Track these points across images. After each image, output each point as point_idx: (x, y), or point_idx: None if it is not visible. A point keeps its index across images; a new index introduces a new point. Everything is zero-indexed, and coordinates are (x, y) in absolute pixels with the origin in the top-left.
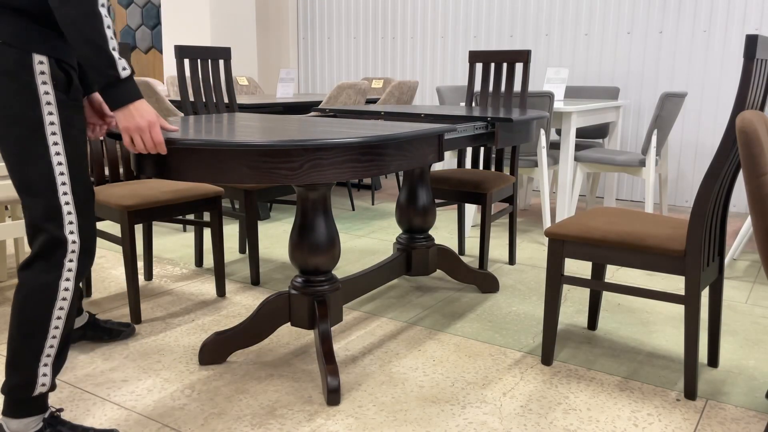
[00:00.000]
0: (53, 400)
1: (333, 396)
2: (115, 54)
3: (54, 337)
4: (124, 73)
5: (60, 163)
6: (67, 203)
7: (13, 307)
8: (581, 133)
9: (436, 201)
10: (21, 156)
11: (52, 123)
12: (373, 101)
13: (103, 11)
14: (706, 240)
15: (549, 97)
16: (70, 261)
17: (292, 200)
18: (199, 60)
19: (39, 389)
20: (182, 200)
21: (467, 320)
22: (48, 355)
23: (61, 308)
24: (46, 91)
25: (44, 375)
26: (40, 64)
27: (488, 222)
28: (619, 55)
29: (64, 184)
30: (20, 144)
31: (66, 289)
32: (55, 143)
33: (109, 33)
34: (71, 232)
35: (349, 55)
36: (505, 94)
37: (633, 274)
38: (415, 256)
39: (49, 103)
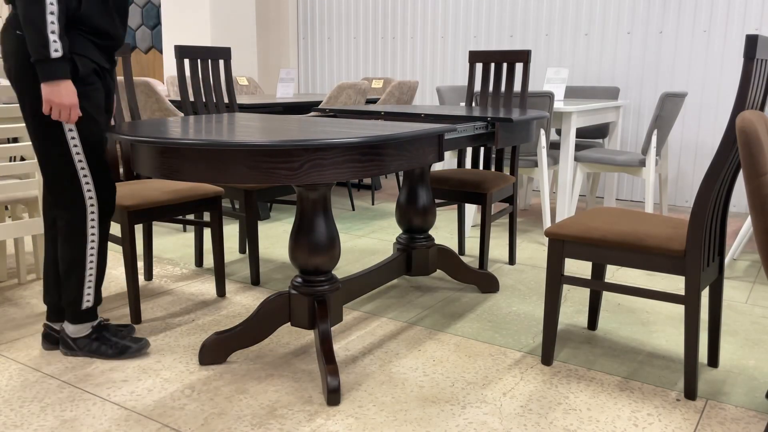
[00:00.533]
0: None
1: (333, 396)
2: (52, 36)
3: (91, 268)
4: (55, 54)
5: (74, 138)
6: (83, 168)
7: (59, 244)
8: (581, 133)
9: (436, 201)
10: (41, 138)
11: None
12: (373, 101)
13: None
14: (706, 240)
15: (549, 97)
16: (92, 213)
17: (292, 200)
18: (199, 60)
19: (85, 305)
20: (182, 200)
21: (467, 320)
22: (89, 281)
23: (92, 248)
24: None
25: (88, 294)
26: (55, 52)
27: (488, 222)
28: (619, 55)
29: (79, 154)
30: (39, 128)
31: (93, 235)
32: (70, 130)
33: (50, 18)
34: (90, 198)
35: (349, 55)
36: (505, 94)
37: (633, 274)
38: (415, 256)
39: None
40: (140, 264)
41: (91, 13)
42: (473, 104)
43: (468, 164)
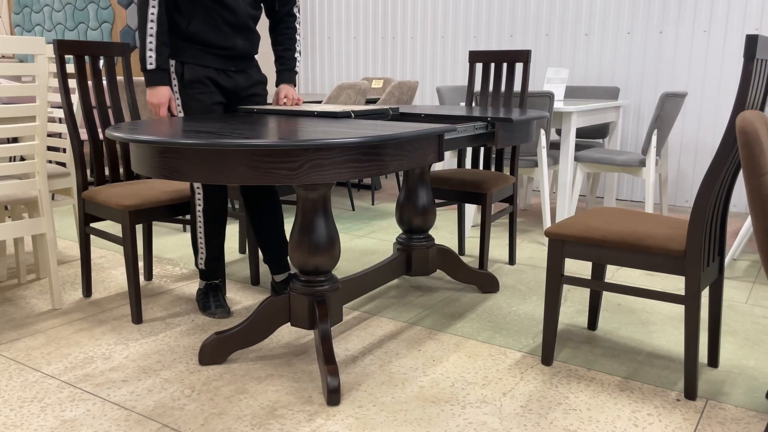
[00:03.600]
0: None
1: (333, 396)
2: (149, 53)
3: (200, 234)
4: (150, 67)
5: None
6: None
7: None
8: (581, 133)
9: (436, 201)
10: None
11: (177, 100)
12: (373, 101)
13: (150, 24)
14: (706, 240)
15: (549, 97)
16: (199, 198)
17: (292, 200)
18: None
19: (199, 264)
20: (182, 200)
21: (467, 320)
22: (202, 246)
23: (199, 219)
24: (174, 83)
25: (201, 258)
26: (172, 65)
27: (488, 222)
28: (619, 55)
29: None
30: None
31: (198, 211)
32: (180, 112)
33: (149, 39)
34: (198, 186)
35: (349, 55)
36: (505, 94)
37: (633, 274)
38: (415, 256)
39: (175, 87)
40: (140, 264)
41: (199, 30)
42: (473, 104)
43: (468, 164)
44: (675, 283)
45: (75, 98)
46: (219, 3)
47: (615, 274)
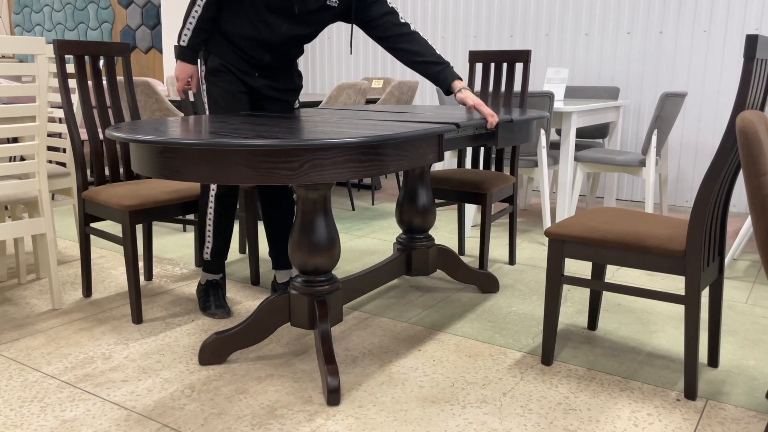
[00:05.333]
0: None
1: (333, 396)
2: (184, 31)
3: (209, 226)
4: (181, 43)
5: (206, 112)
6: None
7: None
8: (581, 133)
9: (436, 201)
10: None
11: (203, 88)
12: (373, 101)
13: (194, 13)
14: (706, 240)
15: (549, 97)
16: (212, 191)
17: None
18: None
19: (205, 255)
20: (182, 200)
21: (467, 320)
22: (209, 238)
23: (210, 208)
24: (202, 70)
25: (207, 248)
26: (201, 56)
27: (488, 222)
28: (619, 55)
29: None
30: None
31: (212, 196)
32: (205, 102)
33: (191, 19)
34: None
35: (349, 55)
36: (505, 94)
37: (633, 274)
38: (415, 256)
39: (201, 74)
40: (140, 264)
41: (234, 32)
42: None
43: (468, 164)
44: (675, 283)
45: (75, 98)
46: (263, 21)
47: (615, 274)
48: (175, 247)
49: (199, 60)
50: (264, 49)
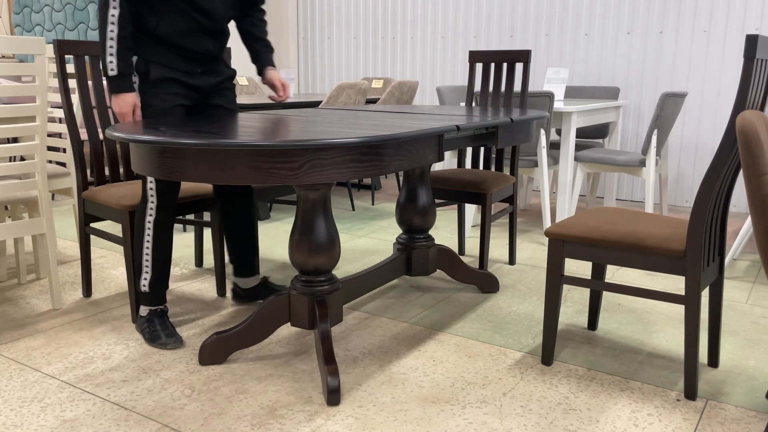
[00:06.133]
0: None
1: (333, 396)
2: (109, 58)
3: (147, 253)
4: (111, 73)
5: None
6: None
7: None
8: (581, 133)
9: (436, 201)
10: None
11: (140, 100)
12: (373, 101)
13: (111, 26)
14: (706, 240)
15: (549, 97)
16: (152, 203)
17: (292, 200)
18: None
19: (142, 288)
20: (182, 200)
21: (467, 320)
22: (147, 267)
23: (148, 235)
24: (134, 80)
25: (144, 279)
26: (134, 62)
27: (488, 222)
28: (619, 55)
29: None
30: None
31: (149, 222)
32: (142, 117)
33: (109, 43)
34: (151, 195)
35: (349, 55)
36: (505, 94)
37: (633, 274)
38: (415, 256)
39: (134, 82)
40: None
41: (169, 33)
42: (473, 104)
43: (468, 164)
44: (675, 283)
45: (75, 98)
46: (194, 7)
47: (615, 274)
48: (175, 247)
49: (134, 74)
50: (206, 36)
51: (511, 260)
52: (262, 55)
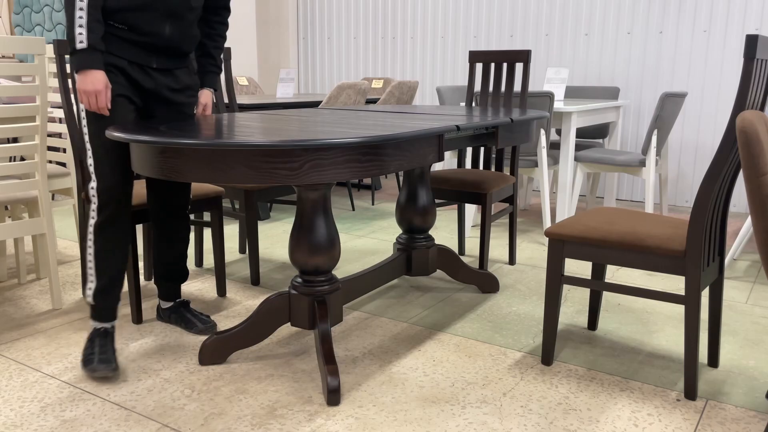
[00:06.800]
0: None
1: (333, 396)
2: (78, 30)
3: (90, 261)
4: (80, 46)
5: (84, 126)
6: (89, 156)
7: None
8: (581, 133)
9: (436, 201)
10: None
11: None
12: (373, 101)
13: None
14: (706, 240)
15: (549, 97)
16: (94, 204)
17: (292, 200)
18: None
19: (87, 298)
20: None
21: (467, 320)
22: (90, 274)
23: (90, 239)
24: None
25: (89, 288)
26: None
27: (488, 222)
28: (619, 55)
29: (87, 142)
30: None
31: (91, 225)
32: (82, 109)
33: (78, 14)
34: (92, 188)
35: (349, 55)
36: (505, 94)
37: (633, 274)
38: (415, 256)
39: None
40: (140, 264)
41: (120, 7)
42: (473, 104)
43: (468, 164)
44: (675, 283)
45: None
46: None
47: (615, 274)
48: None
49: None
50: (163, 17)
51: (511, 260)
52: (208, 74)
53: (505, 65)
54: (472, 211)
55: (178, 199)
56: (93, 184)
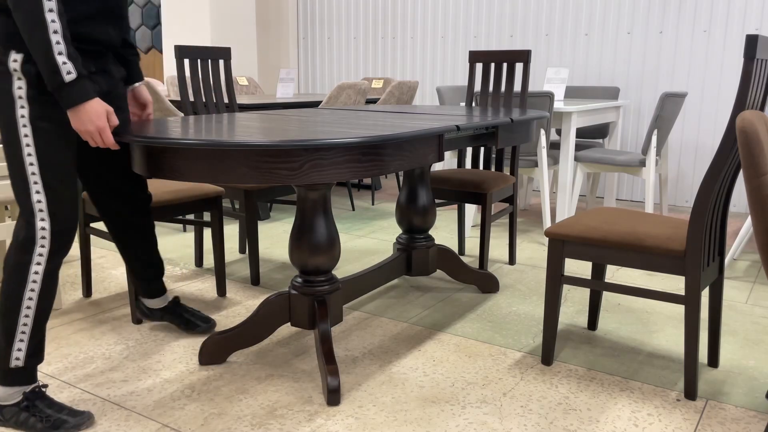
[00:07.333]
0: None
1: (333, 396)
2: (60, 59)
3: (27, 316)
4: (69, 78)
5: (30, 155)
6: (38, 192)
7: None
8: (581, 133)
9: (436, 201)
10: (4, 150)
11: (23, 116)
12: (373, 101)
13: (51, 17)
14: (706, 240)
15: (549, 97)
16: (42, 247)
17: (292, 200)
18: (199, 60)
19: (14, 362)
20: (182, 200)
21: (467, 320)
22: (23, 333)
23: (32, 290)
24: (19, 86)
25: (18, 350)
26: (14, 62)
27: (488, 222)
28: (619, 55)
29: (34, 174)
30: (3, 139)
31: (36, 273)
32: (26, 135)
33: (54, 39)
34: (42, 228)
35: (349, 55)
36: (505, 94)
37: (633, 274)
38: (415, 256)
39: (21, 98)
40: None
41: (71, 19)
42: (473, 104)
43: (468, 164)
44: (675, 283)
45: None
46: None
47: (615, 274)
48: (175, 247)
49: (17, 78)
50: (108, 21)
51: (511, 260)
52: (132, 65)
53: (505, 65)
54: (472, 211)
55: (143, 193)
56: (44, 224)
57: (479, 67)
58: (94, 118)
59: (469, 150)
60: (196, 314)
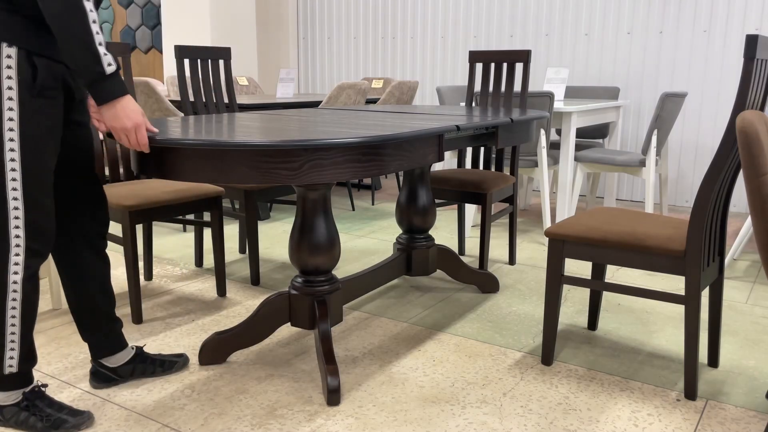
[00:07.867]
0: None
1: (333, 396)
2: (101, 49)
3: (13, 325)
4: (110, 69)
5: (13, 160)
6: (15, 198)
7: None
8: (581, 133)
9: (436, 201)
10: None
11: (10, 119)
12: (373, 101)
13: (89, 5)
14: (706, 240)
15: (549, 97)
16: (17, 255)
17: (292, 200)
18: (199, 60)
19: (7, 369)
20: (183, 200)
21: (467, 320)
22: (12, 341)
23: (14, 299)
24: (9, 86)
25: (11, 358)
26: (8, 58)
27: (488, 222)
28: (619, 55)
29: (14, 179)
30: None
31: (15, 282)
32: (11, 139)
33: (95, 28)
34: (17, 236)
35: (349, 55)
36: (505, 94)
37: (633, 274)
38: (415, 256)
39: (10, 99)
40: (140, 264)
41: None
42: (473, 104)
43: (468, 164)
44: (675, 283)
45: None
46: None
47: (615, 274)
48: (175, 247)
49: (6, 77)
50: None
51: (511, 260)
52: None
53: (505, 65)
54: (472, 211)
55: (100, 227)
56: (18, 232)
57: (479, 67)
58: (131, 114)
59: (469, 150)
60: (164, 355)
